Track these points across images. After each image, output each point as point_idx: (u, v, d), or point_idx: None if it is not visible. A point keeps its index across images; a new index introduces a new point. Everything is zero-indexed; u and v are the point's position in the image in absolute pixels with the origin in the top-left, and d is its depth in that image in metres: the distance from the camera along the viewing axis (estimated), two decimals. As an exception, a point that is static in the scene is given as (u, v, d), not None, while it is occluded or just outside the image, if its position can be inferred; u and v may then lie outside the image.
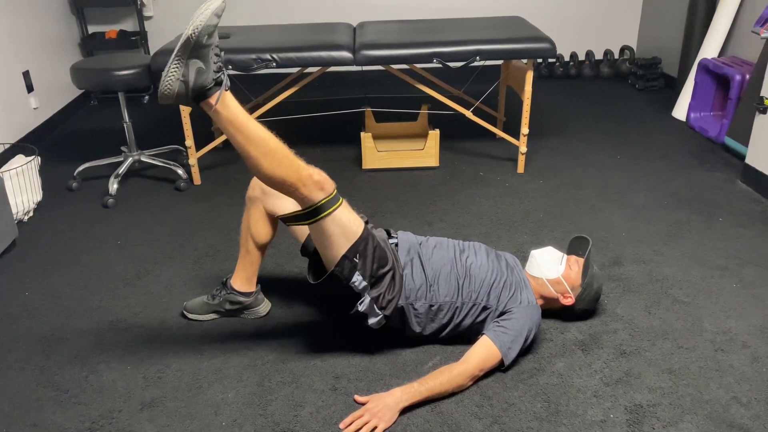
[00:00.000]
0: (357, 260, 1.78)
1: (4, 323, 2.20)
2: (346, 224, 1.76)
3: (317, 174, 1.70)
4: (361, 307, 1.83)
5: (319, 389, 1.85)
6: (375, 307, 1.85)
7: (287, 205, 1.94)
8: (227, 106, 1.61)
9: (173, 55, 1.54)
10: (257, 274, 2.14)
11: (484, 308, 1.93)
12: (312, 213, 1.72)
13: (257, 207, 2.03)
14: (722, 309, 2.18)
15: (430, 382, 1.77)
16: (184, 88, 1.57)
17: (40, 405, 1.82)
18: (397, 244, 2.00)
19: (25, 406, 1.82)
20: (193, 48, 1.54)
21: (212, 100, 1.60)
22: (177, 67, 1.55)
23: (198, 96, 1.59)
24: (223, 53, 1.64)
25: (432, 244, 2.03)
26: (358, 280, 1.80)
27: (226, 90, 1.62)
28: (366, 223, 1.96)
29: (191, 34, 1.51)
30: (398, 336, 2.01)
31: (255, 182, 2.04)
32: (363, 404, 1.76)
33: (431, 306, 1.91)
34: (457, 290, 1.92)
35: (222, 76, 1.61)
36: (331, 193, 1.72)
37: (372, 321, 1.87)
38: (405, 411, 1.75)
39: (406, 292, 1.89)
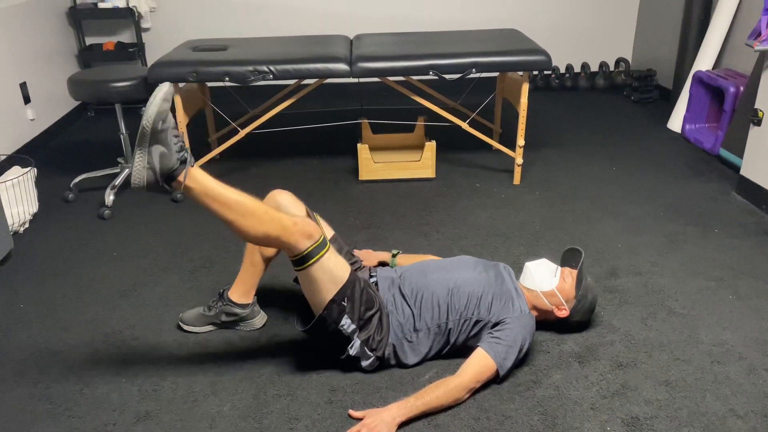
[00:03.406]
0: (345, 304, 1.81)
1: (-2, 335, 2.19)
2: (333, 270, 1.79)
3: (301, 222, 1.73)
4: (352, 351, 1.86)
5: (315, 402, 1.84)
6: (366, 349, 1.88)
7: None
8: (197, 180, 1.67)
9: (135, 148, 1.62)
10: (256, 287, 2.14)
11: (477, 322, 1.92)
12: (300, 261, 1.75)
13: None
14: (718, 321, 2.18)
15: (426, 397, 1.76)
16: (153, 175, 1.63)
17: (34, 418, 1.81)
18: (377, 283, 2.01)
19: (19, 420, 1.80)
20: (151, 136, 1.60)
21: (181, 178, 1.65)
22: (141, 157, 1.62)
23: (167, 178, 1.65)
24: (182, 134, 1.72)
25: (413, 271, 2.04)
26: (346, 323, 1.82)
27: (192, 166, 1.67)
28: (352, 263, 2.01)
29: (145, 125, 1.59)
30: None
31: (272, 196, 2.08)
32: (359, 420, 1.75)
33: (424, 333, 1.93)
34: (446, 312, 1.93)
35: (185, 154, 1.67)
36: (318, 240, 1.74)
37: (365, 363, 1.90)
38: (402, 425, 1.74)
39: (394, 329, 1.92)
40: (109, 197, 3.10)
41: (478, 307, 1.93)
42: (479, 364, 1.83)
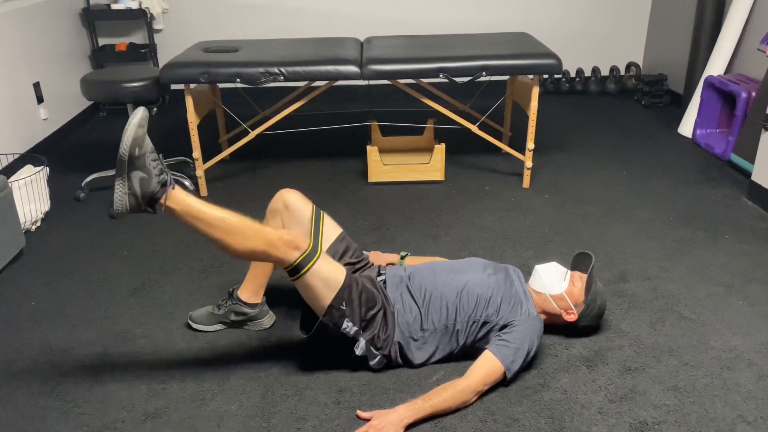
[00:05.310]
0: (344, 308, 1.82)
1: (9, 332, 2.21)
2: (326, 275, 1.80)
3: (287, 234, 1.74)
4: (358, 351, 1.87)
5: (323, 402, 1.85)
6: (372, 348, 1.89)
7: (297, 231, 1.96)
8: (179, 201, 1.69)
9: (115, 176, 1.65)
10: (265, 286, 2.15)
11: (484, 323, 1.93)
12: (292, 271, 1.76)
13: (276, 220, 2.06)
14: (728, 326, 2.17)
15: (434, 399, 1.76)
16: (135, 200, 1.66)
17: (44, 415, 1.82)
18: (385, 281, 2.02)
19: (29, 416, 1.82)
20: (129, 163, 1.63)
21: (163, 200, 1.67)
22: (121, 184, 1.65)
23: (150, 201, 1.67)
24: (161, 155, 1.72)
25: (422, 271, 2.04)
26: (348, 326, 1.84)
27: (173, 189, 1.69)
28: (359, 261, 2.03)
29: (122, 153, 1.62)
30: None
31: (280, 196, 2.09)
32: (366, 420, 1.76)
33: (431, 334, 1.93)
34: (454, 312, 1.93)
35: (165, 177, 1.69)
36: (307, 250, 1.76)
37: (373, 363, 1.91)
38: (409, 427, 1.74)
39: (401, 327, 1.92)
40: (120, 197, 3.11)
41: (486, 309, 1.93)
42: (487, 366, 1.84)
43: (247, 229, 1.71)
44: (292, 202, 2.07)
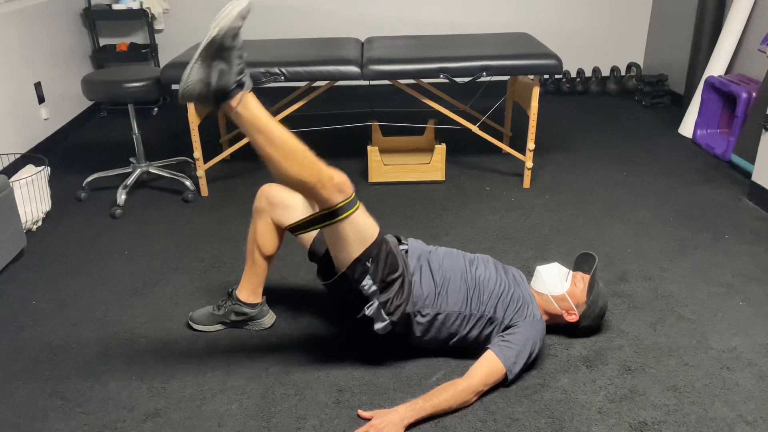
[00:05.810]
0: (369, 264, 1.78)
1: (10, 332, 2.21)
2: (362, 228, 1.76)
3: (337, 176, 1.69)
4: (369, 312, 1.83)
5: (323, 402, 1.85)
6: (382, 312, 1.84)
7: (294, 216, 1.95)
8: (249, 107, 1.60)
9: (196, 55, 1.52)
10: (263, 285, 2.15)
11: (491, 320, 1.93)
12: (329, 215, 1.71)
13: (264, 218, 2.04)
14: (728, 326, 2.17)
15: (434, 399, 1.76)
16: (206, 90, 1.55)
17: (45, 414, 1.83)
18: (407, 251, 2.00)
19: (30, 416, 1.82)
20: (217, 49, 1.52)
21: (234, 101, 1.58)
22: (200, 69, 1.53)
23: (219, 97, 1.58)
24: (246, 54, 1.61)
25: (441, 253, 2.04)
26: (368, 284, 1.80)
27: (249, 91, 1.60)
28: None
29: (216, 35, 1.50)
30: (403, 348, 2.01)
31: (261, 193, 2.05)
32: (367, 419, 1.76)
33: (438, 314, 1.91)
34: (466, 300, 1.92)
35: (244, 78, 1.59)
36: (350, 196, 1.71)
37: (378, 326, 1.86)
38: (409, 427, 1.74)
39: (413, 298, 1.89)
40: (121, 197, 3.12)
41: (496, 307, 1.93)
42: (488, 367, 1.84)
43: (303, 159, 1.66)
44: (275, 196, 2.03)
